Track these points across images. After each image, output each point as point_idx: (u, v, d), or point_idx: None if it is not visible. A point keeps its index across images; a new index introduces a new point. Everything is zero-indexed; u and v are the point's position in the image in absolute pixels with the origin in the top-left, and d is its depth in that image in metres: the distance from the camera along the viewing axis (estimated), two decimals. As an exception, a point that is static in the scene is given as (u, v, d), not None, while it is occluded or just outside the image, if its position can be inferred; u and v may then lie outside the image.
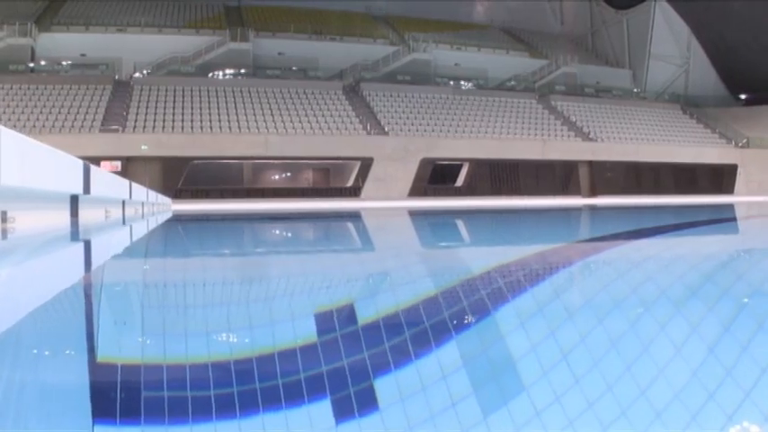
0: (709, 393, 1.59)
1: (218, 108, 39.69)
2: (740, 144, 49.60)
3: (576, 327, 2.55)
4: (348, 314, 2.82)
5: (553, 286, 3.84)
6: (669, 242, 7.96)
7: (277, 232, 11.42)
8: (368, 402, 1.56)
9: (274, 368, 1.81)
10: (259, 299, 3.30)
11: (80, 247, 6.59)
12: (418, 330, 2.44)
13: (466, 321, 2.64)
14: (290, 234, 10.96)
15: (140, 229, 10.25)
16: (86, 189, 8.68)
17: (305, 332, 2.36)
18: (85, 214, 10.23)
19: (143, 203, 18.39)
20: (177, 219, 15.98)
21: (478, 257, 6.01)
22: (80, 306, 3.00)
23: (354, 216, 19.19)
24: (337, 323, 2.60)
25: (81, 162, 8.23)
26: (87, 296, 3.27)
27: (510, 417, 1.47)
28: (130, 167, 34.40)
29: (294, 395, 1.54)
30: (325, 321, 2.59)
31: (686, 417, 1.46)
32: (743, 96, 56.80)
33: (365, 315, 2.79)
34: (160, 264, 5.22)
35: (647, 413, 1.48)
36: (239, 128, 38.07)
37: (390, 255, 6.41)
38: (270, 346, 2.10)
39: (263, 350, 2.04)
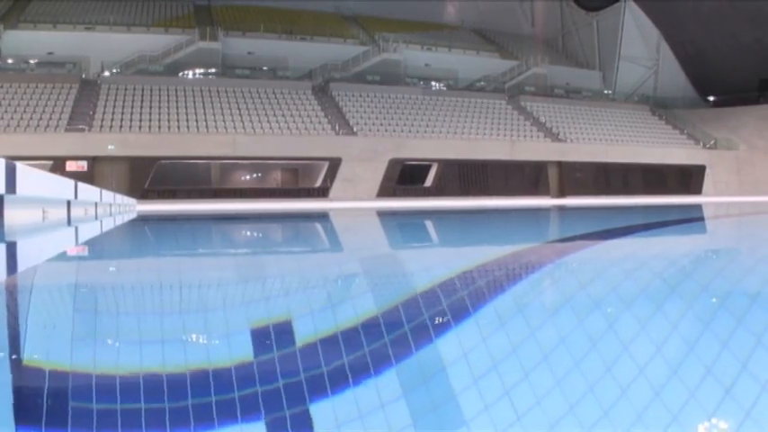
0: (661, 391, 1.72)
1: (186, 108, 39.63)
2: (708, 145, 50.31)
3: (546, 327, 2.67)
4: (308, 319, 2.88)
5: (522, 287, 3.93)
6: (638, 243, 8.10)
7: (234, 233, 11.43)
8: (322, 409, 1.56)
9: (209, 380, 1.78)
10: (190, 305, 3.30)
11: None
12: (383, 332, 2.54)
13: (433, 323, 2.74)
14: (247, 234, 10.98)
15: (85, 232, 10.16)
16: (10, 189, 8.54)
17: (238, 341, 2.37)
18: (14, 215, 10.10)
19: (96, 204, 18.26)
20: (137, 220, 15.90)
21: (445, 259, 6.08)
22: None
23: (319, 217, 19.25)
24: (291, 330, 2.65)
25: (3, 160, 8.15)
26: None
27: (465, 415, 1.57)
28: (97, 167, 34.34)
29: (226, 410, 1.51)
30: (272, 330, 2.64)
31: (657, 414, 1.57)
32: (711, 98, 57.55)
33: (326, 319, 2.87)
34: (80, 267, 5.19)
35: (621, 411, 1.59)
36: (207, 128, 38.04)
37: (348, 258, 6.44)
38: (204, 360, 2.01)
39: (193, 362, 1.98)
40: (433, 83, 49.68)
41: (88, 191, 16.21)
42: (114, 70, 43.39)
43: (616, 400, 1.60)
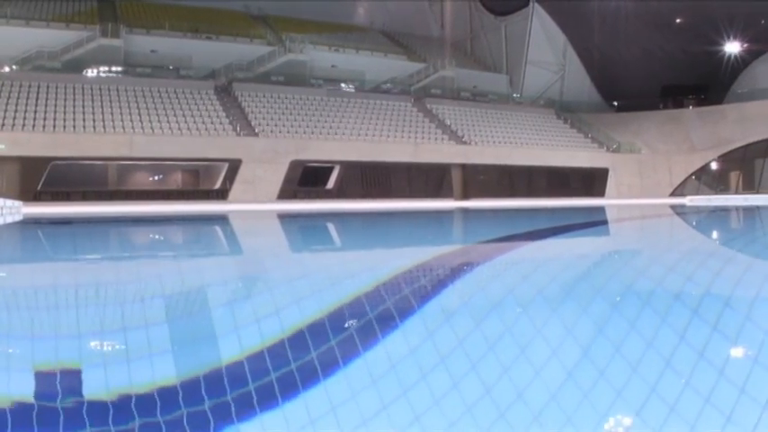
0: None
1: (84, 107, 38.91)
2: (611, 149, 51.82)
3: (447, 327, 2.84)
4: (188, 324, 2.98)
5: (418, 289, 4.10)
6: (534, 246, 8.35)
7: (114, 236, 11.32)
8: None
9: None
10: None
11: None
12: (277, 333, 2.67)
13: (330, 324, 2.89)
14: (125, 238, 10.90)
15: None
16: None
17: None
18: None
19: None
20: (13, 225, 15.59)
21: (338, 262, 6.20)
22: None
23: (211, 220, 19.23)
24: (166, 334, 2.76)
25: None
26: None
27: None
28: (-16, 168, 33.55)
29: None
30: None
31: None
32: (615, 103, 59.31)
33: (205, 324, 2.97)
34: None
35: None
36: (104, 127, 37.46)
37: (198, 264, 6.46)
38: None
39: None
40: (344, 85, 49.93)
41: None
42: (15, 66, 42.24)
43: (513, 400, 1.79)
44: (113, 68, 44.29)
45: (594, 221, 16.07)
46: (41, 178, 34.94)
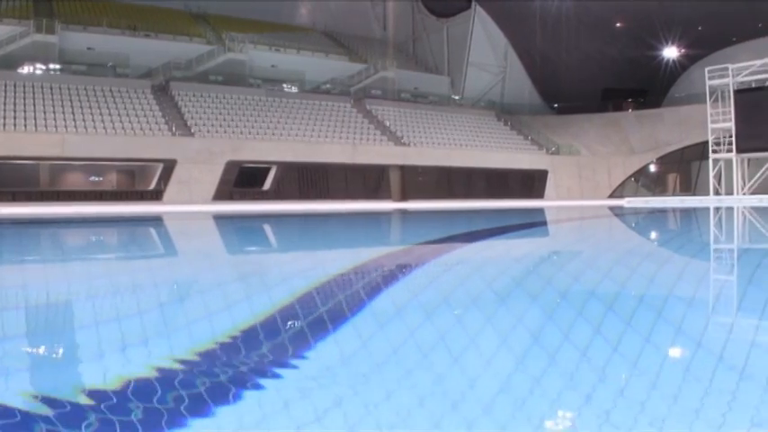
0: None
1: (16, 105, 38.29)
2: (551, 151, 52.55)
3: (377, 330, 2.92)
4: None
5: (351, 294, 4.16)
6: (464, 248, 8.42)
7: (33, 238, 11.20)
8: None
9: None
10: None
11: None
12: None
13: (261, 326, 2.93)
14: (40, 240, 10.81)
15: None
16: None
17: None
18: None
19: None
20: None
21: (268, 266, 6.23)
22: None
23: (140, 221, 19.14)
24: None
25: None
26: None
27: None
28: None
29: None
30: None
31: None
32: (556, 105, 60.18)
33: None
34: None
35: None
36: (36, 126, 36.96)
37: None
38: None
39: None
40: (286, 85, 49.93)
41: None
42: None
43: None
44: (48, 66, 43.69)
45: (532, 223, 16.37)
46: (-33, 178, 34.41)
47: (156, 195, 37.63)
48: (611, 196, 51.00)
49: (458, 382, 2.17)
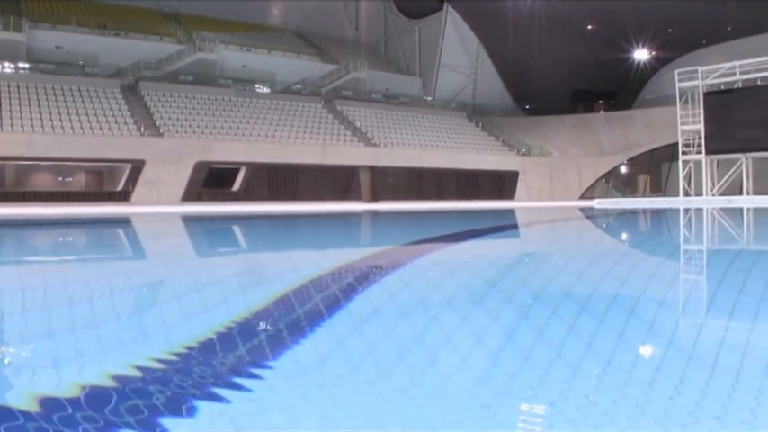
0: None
1: (-20, 103, 38.05)
2: (522, 152, 52.88)
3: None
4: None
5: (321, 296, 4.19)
6: (432, 250, 8.44)
7: None
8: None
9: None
10: None
11: None
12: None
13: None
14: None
15: None
16: None
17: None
18: None
19: None
20: None
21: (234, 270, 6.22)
22: None
23: (107, 222, 19.07)
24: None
25: None
26: None
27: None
28: None
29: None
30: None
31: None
32: (527, 107, 60.58)
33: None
34: None
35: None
36: (1, 126, 36.63)
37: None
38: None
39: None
40: (258, 86, 49.87)
41: None
42: None
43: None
44: (15, 64, 43.30)
45: (502, 226, 16.49)
46: (-68, 178, 34.12)
47: (124, 196, 37.47)
48: (582, 197, 51.39)
49: (427, 389, 2.20)
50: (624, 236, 13.70)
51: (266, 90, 50.01)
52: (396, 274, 5.70)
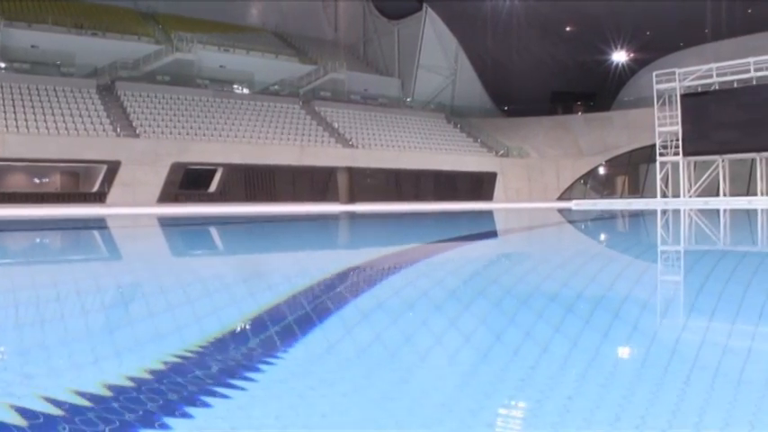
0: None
1: (-46, 103, 37.78)
2: (500, 153, 53.10)
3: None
4: None
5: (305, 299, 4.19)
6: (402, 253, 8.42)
7: None
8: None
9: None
10: None
11: None
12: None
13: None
14: None
15: None
16: None
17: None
18: None
19: None
20: None
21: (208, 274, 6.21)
22: None
23: (80, 224, 18.98)
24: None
25: None
26: None
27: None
28: None
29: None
30: None
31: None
32: (506, 108, 60.81)
33: None
34: None
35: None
36: (-25, 126, 36.44)
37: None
38: None
39: None
40: (236, 86, 49.80)
41: None
42: None
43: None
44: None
45: (481, 234, 16.52)
46: None
47: (100, 197, 37.28)
48: (560, 198, 51.68)
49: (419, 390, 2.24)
50: (604, 240, 13.76)
51: (244, 91, 49.99)
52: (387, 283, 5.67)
